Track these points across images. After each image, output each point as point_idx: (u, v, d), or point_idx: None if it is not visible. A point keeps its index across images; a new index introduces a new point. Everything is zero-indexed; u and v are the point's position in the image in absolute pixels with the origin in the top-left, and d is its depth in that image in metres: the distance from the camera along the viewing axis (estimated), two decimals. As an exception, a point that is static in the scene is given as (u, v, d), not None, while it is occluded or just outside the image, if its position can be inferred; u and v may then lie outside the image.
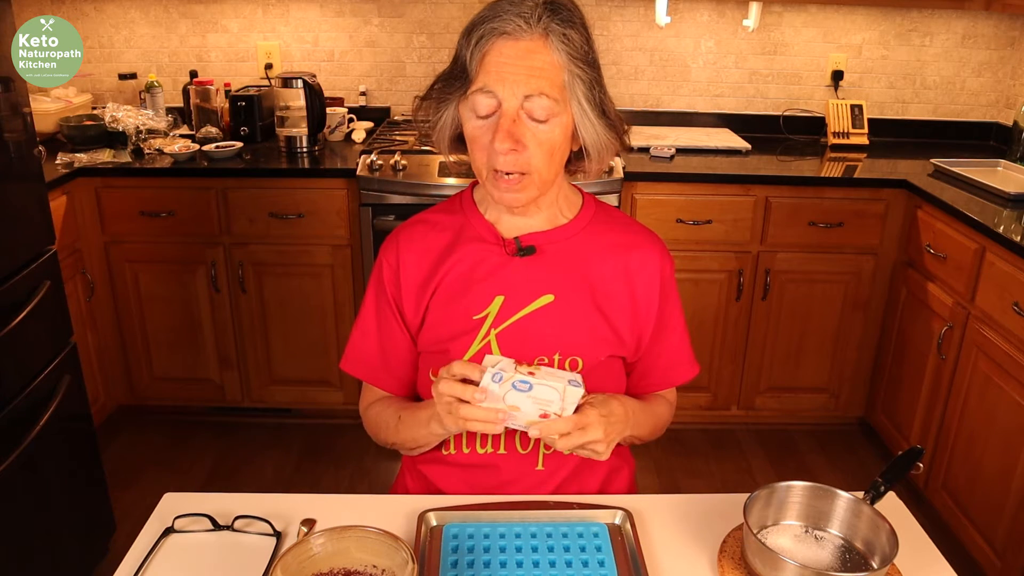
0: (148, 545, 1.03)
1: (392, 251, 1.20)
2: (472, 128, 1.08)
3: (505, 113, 1.04)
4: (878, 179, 2.63)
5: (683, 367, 1.27)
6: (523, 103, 1.04)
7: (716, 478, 2.68)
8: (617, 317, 1.17)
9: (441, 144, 1.16)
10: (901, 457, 1.07)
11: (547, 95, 1.03)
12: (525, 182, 1.08)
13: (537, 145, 1.06)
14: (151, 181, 2.59)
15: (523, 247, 1.15)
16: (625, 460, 1.29)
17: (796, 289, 2.70)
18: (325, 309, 2.71)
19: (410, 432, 1.15)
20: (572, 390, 0.99)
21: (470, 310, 1.14)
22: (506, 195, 1.09)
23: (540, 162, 1.07)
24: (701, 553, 1.04)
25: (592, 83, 1.07)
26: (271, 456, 2.74)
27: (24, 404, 1.82)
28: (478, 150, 1.08)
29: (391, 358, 1.22)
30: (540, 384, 0.98)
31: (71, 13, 3.01)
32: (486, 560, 0.99)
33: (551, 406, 0.98)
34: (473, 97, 1.05)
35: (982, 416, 2.15)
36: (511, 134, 1.04)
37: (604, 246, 1.19)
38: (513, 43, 1.03)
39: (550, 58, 1.04)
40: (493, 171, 1.08)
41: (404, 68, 3.11)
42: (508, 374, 0.98)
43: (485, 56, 1.03)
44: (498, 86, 1.03)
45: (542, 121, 1.05)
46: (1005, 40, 3.05)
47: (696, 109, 3.18)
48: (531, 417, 0.98)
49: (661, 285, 1.20)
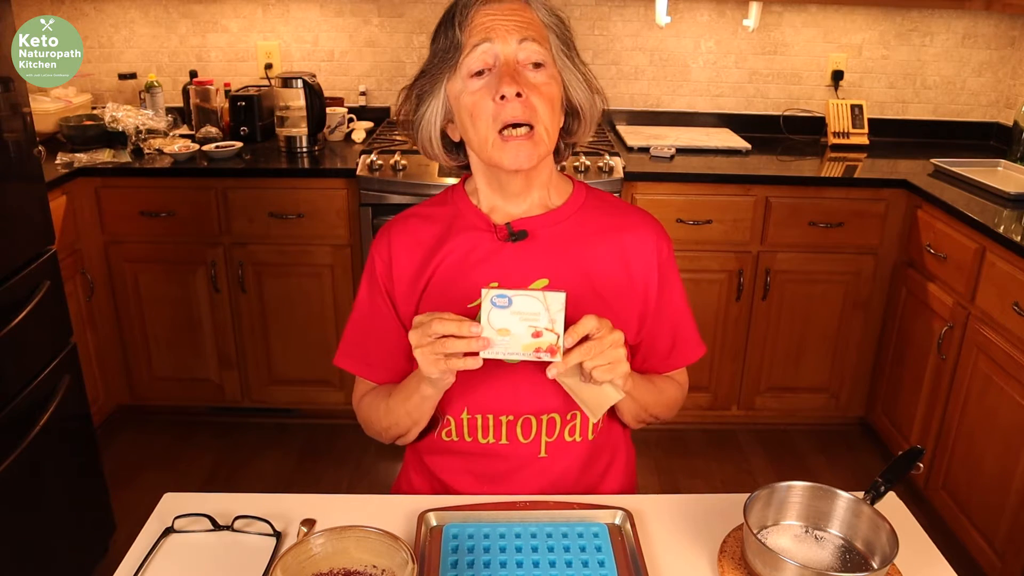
0: (148, 545, 1.03)
1: (384, 245, 1.20)
2: (470, 94, 1.08)
3: (505, 60, 1.06)
4: (878, 179, 2.64)
5: (688, 347, 1.26)
6: (518, 52, 1.07)
7: (716, 478, 2.68)
8: (615, 299, 1.16)
9: (427, 141, 1.16)
10: (901, 457, 1.07)
11: (538, 42, 1.07)
12: (534, 138, 1.08)
13: (539, 94, 1.07)
14: (151, 181, 2.59)
15: (515, 232, 1.15)
16: (625, 445, 1.28)
17: (796, 289, 2.70)
18: (325, 309, 2.72)
19: (402, 406, 1.14)
20: (553, 295, 0.95)
21: (464, 299, 1.14)
22: (519, 153, 1.07)
23: (544, 112, 1.07)
24: (701, 553, 1.04)
25: (572, 46, 1.13)
26: (271, 456, 2.74)
27: (24, 404, 1.82)
28: (480, 112, 1.07)
29: (384, 351, 1.21)
30: (519, 296, 0.95)
31: (71, 13, 3.01)
32: (486, 560, 0.99)
33: (539, 320, 0.95)
34: (467, 60, 1.07)
35: (982, 416, 2.15)
36: (515, 78, 1.05)
37: (597, 229, 1.18)
38: (497, 4, 1.08)
39: (533, 16, 1.10)
40: (499, 134, 1.07)
41: (404, 68, 3.11)
42: (485, 292, 0.95)
43: (472, 20, 1.07)
44: (492, 35, 1.06)
45: (540, 65, 1.08)
46: (1005, 40, 3.05)
47: (696, 109, 3.18)
48: (524, 339, 0.95)
49: (659, 265, 1.19)
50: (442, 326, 0.97)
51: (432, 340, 0.97)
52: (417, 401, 1.11)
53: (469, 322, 0.96)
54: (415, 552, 0.96)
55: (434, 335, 0.97)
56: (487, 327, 0.95)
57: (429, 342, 0.97)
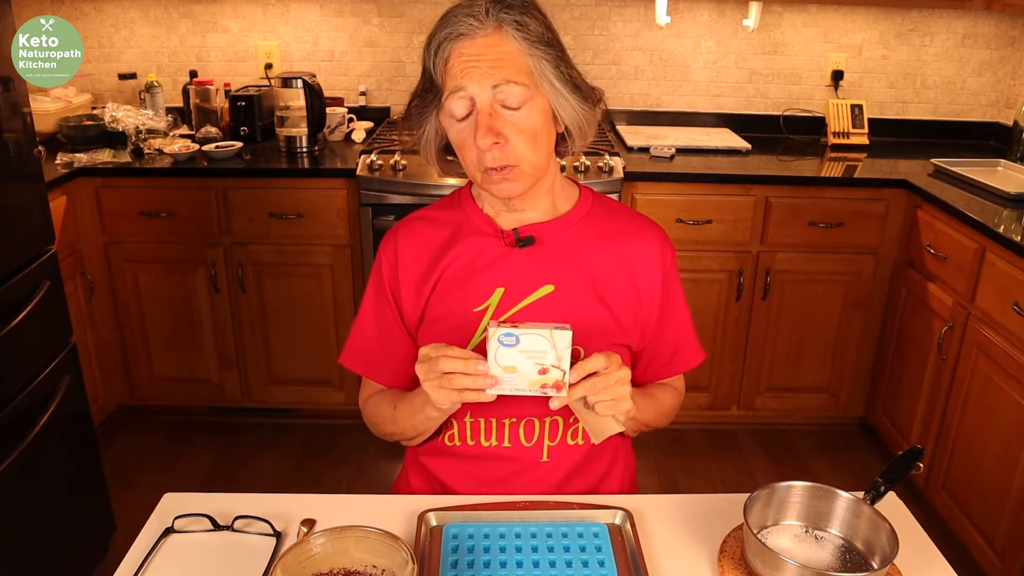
0: (148, 545, 1.03)
1: (391, 247, 1.21)
2: (456, 133, 1.10)
3: (480, 108, 1.06)
4: (878, 179, 2.63)
5: (689, 353, 1.27)
6: (495, 95, 1.05)
7: (716, 478, 2.68)
8: (619, 306, 1.17)
9: (430, 157, 1.18)
10: (901, 457, 1.07)
11: (515, 82, 1.05)
12: (516, 173, 1.09)
13: (518, 134, 1.07)
14: (151, 181, 2.59)
15: (522, 238, 1.16)
16: (625, 451, 1.29)
17: (796, 289, 2.70)
18: (325, 309, 2.71)
19: (408, 421, 1.15)
20: (560, 333, 0.96)
21: (470, 303, 1.14)
22: (502, 187, 1.10)
23: (525, 150, 1.08)
24: (701, 553, 1.04)
25: (557, 61, 1.09)
26: (271, 456, 2.74)
27: (24, 404, 1.82)
28: (466, 153, 1.10)
29: (389, 353, 1.22)
30: (526, 334, 0.95)
31: (71, 13, 3.01)
32: (486, 560, 0.99)
33: (546, 357, 0.96)
34: (448, 103, 1.07)
35: (982, 416, 2.15)
36: (490, 128, 1.05)
37: (603, 235, 1.19)
38: (470, 42, 1.05)
39: (509, 48, 1.06)
40: (483, 170, 1.09)
41: (404, 68, 3.11)
42: (492, 331, 0.96)
43: (448, 61, 1.06)
44: (466, 82, 1.05)
45: (516, 108, 1.07)
46: (1005, 40, 3.05)
47: (696, 109, 3.18)
48: (531, 376, 0.97)
49: (663, 273, 1.20)
50: (449, 364, 0.98)
51: (439, 375, 0.98)
52: (422, 419, 1.12)
53: (476, 359, 0.97)
54: (415, 552, 0.96)
55: (441, 372, 0.98)
56: (494, 365, 0.97)
57: (436, 377, 0.99)
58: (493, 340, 0.96)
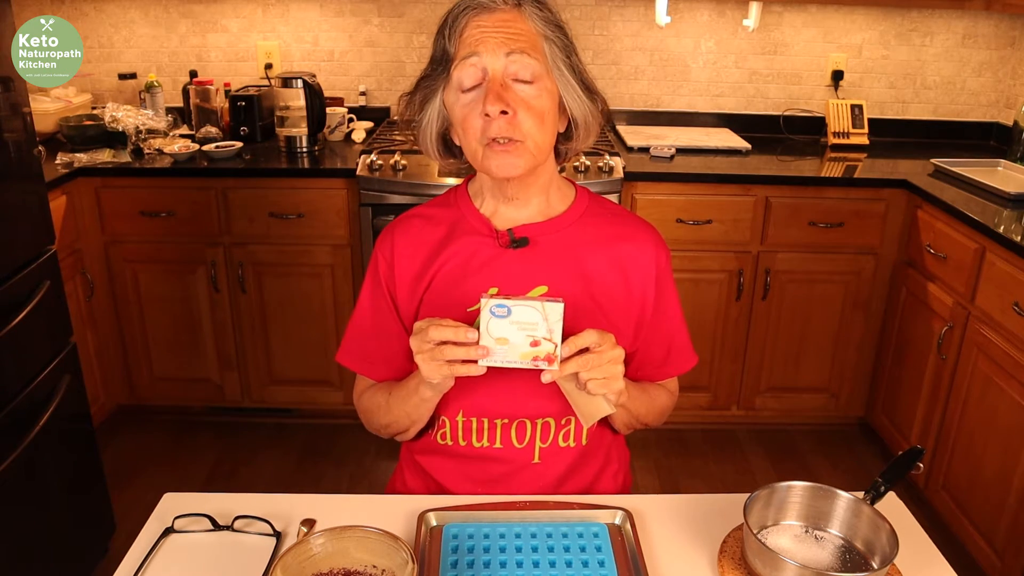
0: (148, 545, 1.03)
1: (387, 244, 1.20)
2: (461, 108, 1.09)
3: (492, 76, 1.06)
4: (878, 179, 2.63)
5: (681, 357, 1.27)
6: (507, 67, 1.05)
7: (716, 478, 2.68)
8: (612, 307, 1.17)
9: (427, 144, 1.17)
10: (901, 457, 1.07)
11: (528, 54, 1.06)
12: (519, 148, 1.08)
13: (527, 110, 1.06)
14: (151, 181, 2.59)
15: (516, 239, 1.16)
16: (618, 449, 1.29)
17: (796, 289, 2.70)
18: (325, 309, 2.71)
19: (401, 406, 1.15)
20: (551, 305, 0.96)
21: (464, 303, 1.14)
22: (503, 161, 1.08)
23: (531, 127, 1.07)
24: (701, 553, 1.04)
25: (569, 51, 1.10)
26: (271, 456, 2.74)
27: (24, 404, 1.82)
28: (469, 126, 1.08)
29: (385, 350, 1.22)
30: (517, 305, 0.95)
31: (71, 13, 3.01)
32: (486, 560, 0.99)
33: (537, 329, 0.95)
34: (457, 73, 1.07)
35: (982, 416, 2.15)
36: (500, 96, 1.04)
37: (598, 237, 1.19)
38: (488, 15, 1.07)
39: (526, 26, 1.07)
40: (487, 143, 1.07)
41: (404, 68, 3.11)
42: (484, 302, 0.95)
43: (463, 32, 1.07)
44: (480, 49, 1.05)
45: (528, 82, 1.07)
46: (1005, 40, 3.05)
47: (696, 109, 3.18)
48: (522, 348, 0.96)
49: (657, 276, 1.20)
50: (440, 332, 0.97)
51: (432, 346, 0.97)
52: (416, 402, 1.12)
53: (467, 328, 0.97)
54: (415, 552, 0.96)
55: (432, 341, 0.97)
56: (486, 335, 0.96)
57: (428, 348, 0.98)
58: (485, 311, 0.95)
